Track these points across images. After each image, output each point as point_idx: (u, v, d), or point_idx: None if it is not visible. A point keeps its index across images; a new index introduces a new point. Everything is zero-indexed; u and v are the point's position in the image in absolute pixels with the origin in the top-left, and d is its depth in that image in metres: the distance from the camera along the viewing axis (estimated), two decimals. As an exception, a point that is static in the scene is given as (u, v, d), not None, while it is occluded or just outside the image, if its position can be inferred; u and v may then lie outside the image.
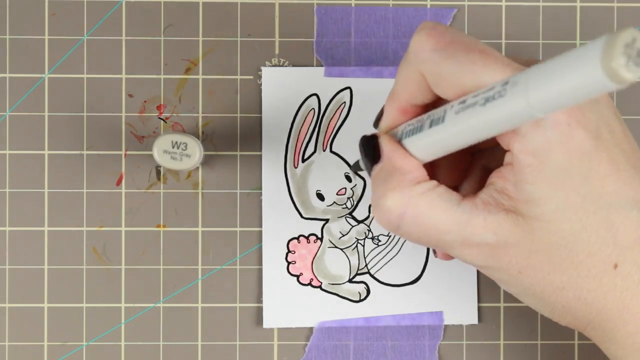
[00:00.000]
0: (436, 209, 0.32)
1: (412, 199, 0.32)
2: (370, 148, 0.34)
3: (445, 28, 0.31)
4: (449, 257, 0.36)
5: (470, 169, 0.37)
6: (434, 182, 0.32)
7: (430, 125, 0.31)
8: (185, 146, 0.39)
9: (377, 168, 0.34)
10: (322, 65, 0.43)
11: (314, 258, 0.43)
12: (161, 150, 0.39)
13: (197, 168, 0.43)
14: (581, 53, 0.24)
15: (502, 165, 0.31)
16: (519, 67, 0.30)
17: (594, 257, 0.30)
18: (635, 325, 0.31)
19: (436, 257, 0.37)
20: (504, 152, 0.31)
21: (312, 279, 0.43)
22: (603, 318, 0.31)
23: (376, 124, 0.35)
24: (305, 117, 0.43)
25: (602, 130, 0.30)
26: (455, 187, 0.37)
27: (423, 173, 0.33)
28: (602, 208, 0.30)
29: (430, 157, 0.33)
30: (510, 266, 0.31)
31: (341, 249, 0.43)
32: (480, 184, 0.33)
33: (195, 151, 0.39)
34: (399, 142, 0.34)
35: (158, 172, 0.43)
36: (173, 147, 0.39)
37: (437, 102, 0.33)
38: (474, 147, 0.31)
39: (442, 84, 0.31)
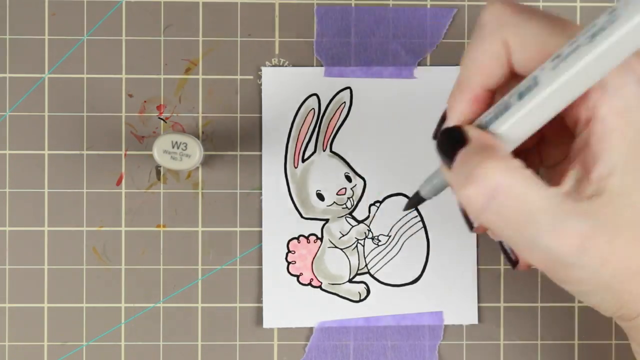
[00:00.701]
0: (531, 186, 0.29)
1: (509, 169, 0.29)
2: (454, 137, 0.31)
3: (514, 0, 0.30)
4: (526, 266, 0.34)
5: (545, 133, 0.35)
6: (524, 164, 0.30)
7: (520, 98, 0.29)
8: (185, 146, 0.39)
9: (463, 152, 0.31)
10: (322, 65, 0.43)
11: (314, 258, 0.43)
12: (161, 150, 0.39)
13: (197, 168, 0.43)
14: None
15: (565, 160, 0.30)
16: None
17: None
18: None
19: (513, 262, 0.34)
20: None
21: (312, 279, 0.43)
22: None
23: (437, 133, 0.33)
24: (305, 117, 0.43)
25: None
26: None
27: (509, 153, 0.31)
28: None
29: (521, 137, 0.31)
30: (595, 258, 0.29)
31: (341, 249, 0.43)
32: (559, 149, 0.32)
33: (195, 151, 0.39)
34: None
35: (158, 172, 0.43)
36: (173, 147, 0.39)
37: (511, 84, 0.31)
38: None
39: (530, 49, 0.29)
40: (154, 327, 0.42)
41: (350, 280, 0.43)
